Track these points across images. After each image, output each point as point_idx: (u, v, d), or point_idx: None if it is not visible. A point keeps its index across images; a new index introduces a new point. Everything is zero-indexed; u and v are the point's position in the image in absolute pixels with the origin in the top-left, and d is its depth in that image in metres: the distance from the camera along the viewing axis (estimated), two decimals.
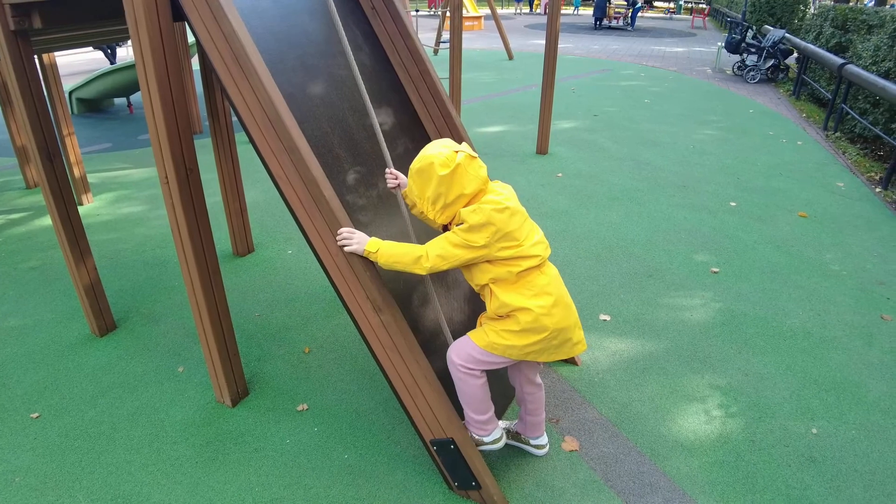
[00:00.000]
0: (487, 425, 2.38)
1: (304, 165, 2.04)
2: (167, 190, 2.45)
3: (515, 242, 2.08)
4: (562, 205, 5.48)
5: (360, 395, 3.02)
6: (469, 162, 2.07)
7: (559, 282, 2.22)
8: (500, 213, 2.04)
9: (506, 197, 2.12)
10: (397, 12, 2.82)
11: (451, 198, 2.06)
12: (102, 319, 3.59)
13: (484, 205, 2.05)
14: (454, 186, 2.05)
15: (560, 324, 2.15)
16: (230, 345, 2.88)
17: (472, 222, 2.03)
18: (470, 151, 2.10)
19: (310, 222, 2.17)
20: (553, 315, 2.13)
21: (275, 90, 2.04)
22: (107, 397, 3.07)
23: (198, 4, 2.10)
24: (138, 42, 2.19)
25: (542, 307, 2.11)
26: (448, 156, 2.04)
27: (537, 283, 2.13)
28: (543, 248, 2.17)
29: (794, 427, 2.82)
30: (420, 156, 2.09)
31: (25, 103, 2.97)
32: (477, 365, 2.25)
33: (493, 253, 2.07)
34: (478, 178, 2.09)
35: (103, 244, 4.79)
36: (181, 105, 2.33)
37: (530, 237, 2.14)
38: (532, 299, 2.11)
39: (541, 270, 2.15)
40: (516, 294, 2.12)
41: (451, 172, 2.03)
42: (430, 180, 2.05)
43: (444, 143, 2.13)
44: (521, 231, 2.11)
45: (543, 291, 2.12)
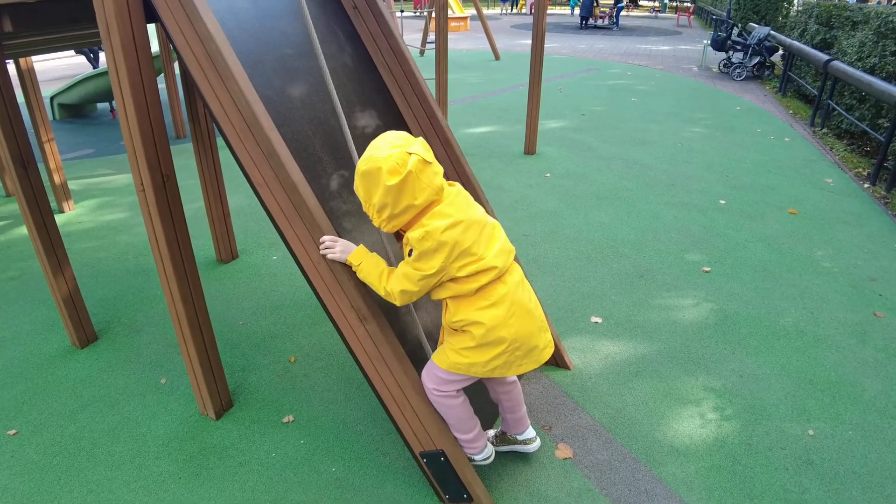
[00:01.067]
0: (476, 442, 2.31)
1: (284, 171, 1.97)
2: (143, 198, 2.37)
3: (474, 257, 1.93)
4: (551, 205, 5.42)
5: (347, 404, 2.95)
6: (422, 168, 1.85)
7: (520, 288, 2.06)
8: (451, 230, 1.88)
9: (457, 208, 1.93)
10: (380, 11, 2.74)
11: (398, 209, 1.87)
12: (83, 331, 3.50)
13: (432, 225, 1.86)
14: (403, 197, 1.85)
15: (519, 332, 2.02)
16: (212, 356, 2.80)
17: (420, 249, 1.88)
18: (424, 154, 1.88)
19: (291, 230, 2.09)
20: (510, 325, 1.99)
21: (252, 93, 1.97)
22: (87, 412, 2.98)
23: (171, 6, 2.02)
24: (110, 45, 2.11)
25: (495, 318, 1.97)
26: (398, 161, 1.81)
27: (494, 293, 1.97)
28: (505, 257, 2.01)
29: (791, 429, 2.77)
30: (368, 155, 1.87)
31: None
32: (448, 386, 2.17)
33: (452, 273, 1.92)
34: (430, 187, 1.88)
35: (84, 252, 4.69)
36: (156, 110, 2.25)
37: (490, 247, 1.98)
38: (486, 311, 1.96)
39: (501, 280, 2.00)
40: (470, 307, 1.97)
41: (401, 182, 1.81)
42: (377, 187, 1.85)
43: (396, 140, 1.89)
44: (479, 244, 1.95)
45: (500, 302, 1.97)
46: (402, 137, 1.90)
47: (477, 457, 2.34)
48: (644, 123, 8.48)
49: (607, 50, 16.68)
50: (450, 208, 1.91)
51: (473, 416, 2.30)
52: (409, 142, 1.89)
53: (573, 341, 3.40)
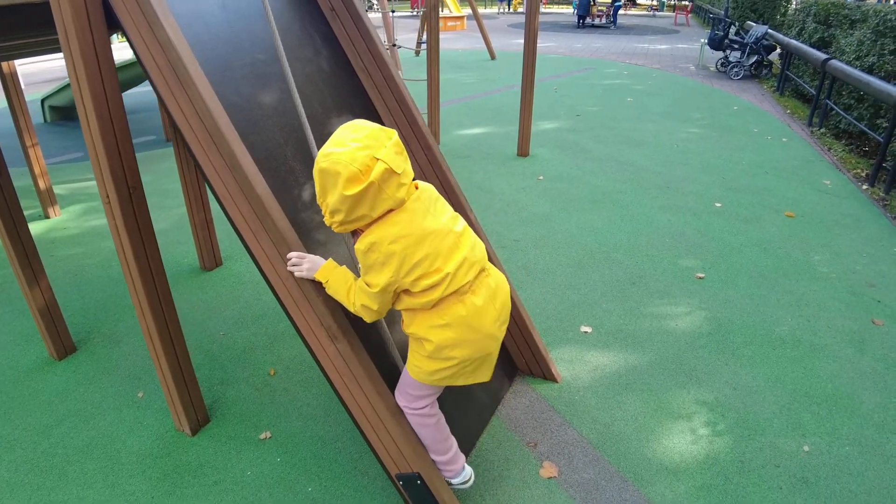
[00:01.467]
0: (452, 465, 2.22)
1: (248, 183, 1.87)
2: (109, 210, 2.27)
3: (430, 270, 1.77)
4: (543, 209, 5.32)
5: (327, 420, 2.85)
6: (386, 179, 1.67)
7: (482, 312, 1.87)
8: (400, 241, 1.73)
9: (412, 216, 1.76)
10: (358, 13, 2.64)
11: (351, 217, 1.72)
12: (61, 342, 3.41)
13: (378, 236, 1.72)
14: (359, 207, 1.69)
15: (472, 354, 1.90)
16: (186, 371, 2.70)
17: (366, 263, 1.77)
18: (392, 161, 1.68)
19: (256, 243, 1.99)
20: (462, 348, 1.87)
21: (215, 102, 1.87)
22: (62, 427, 2.88)
23: (131, 11, 1.93)
24: (69, 53, 2.01)
25: (446, 339, 1.84)
26: (361, 168, 1.62)
27: (449, 312, 1.82)
28: (466, 270, 1.83)
29: (785, 445, 2.68)
30: (329, 151, 1.67)
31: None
32: (419, 402, 2.08)
33: (405, 285, 1.79)
34: (391, 199, 1.71)
35: (68, 259, 4.59)
36: (120, 120, 2.15)
37: (451, 259, 1.80)
38: (438, 330, 1.84)
39: (461, 300, 1.83)
40: (424, 322, 1.85)
41: (361, 192, 1.65)
42: (333, 190, 1.68)
43: (364, 136, 1.68)
44: (436, 256, 1.77)
45: (454, 324, 1.83)
46: (371, 134, 1.70)
47: (454, 480, 2.24)
48: (640, 124, 8.37)
49: (604, 49, 16.57)
50: (403, 216, 1.75)
51: (449, 437, 2.21)
52: (379, 141, 1.69)
53: (561, 352, 3.30)
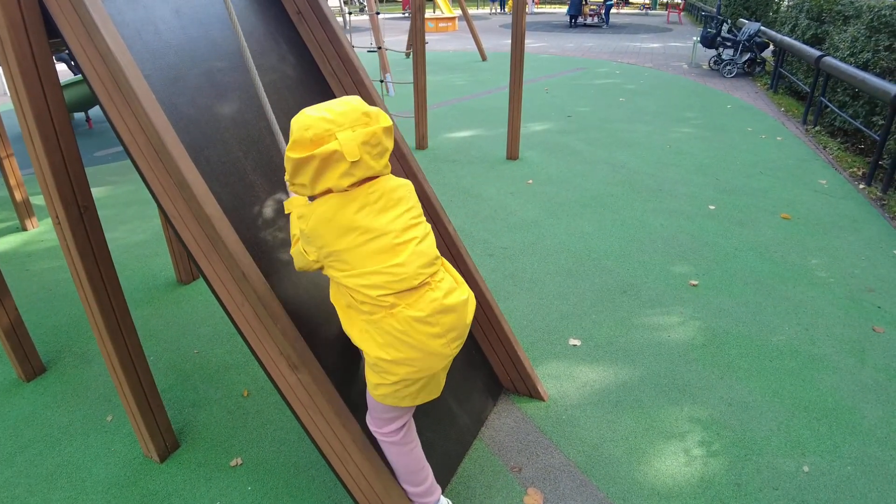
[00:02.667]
0: (427, 497, 2.07)
1: (197, 203, 1.72)
2: (60, 232, 2.13)
3: (354, 268, 1.65)
4: (532, 214, 5.18)
5: (300, 446, 2.70)
6: (332, 161, 1.56)
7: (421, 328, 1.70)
8: (325, 226, 1.63)
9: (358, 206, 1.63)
10: (325, 16, 2.50)
11: (294, 180, 1.63)
12: (28, 363, 3.26)
13: (314, 211, 1.64)
14: (298, 174, 1.60)
15: (410, 374, 1.75)
16: (152, 398, 2.56)
17: (300, 228, 1.70)
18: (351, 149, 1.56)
19: (209, 266, 1.85)
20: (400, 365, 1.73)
21: (159, 116, 1.72)
22: (26, 454, 2.74)
23: (70, 19, 1.78)
24: (7, 67, 1.87)
25: (379, 356, 1.72)
26: (314, 136, 1.54)
27: (381, 325, 1.69)
28: (394, 283, 1.65)
29: (784, 465, 2.54)
30: (305, 109, 1.60)
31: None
32: (386, 426, 1.96)
33: (329, 272, 1.71)
34: (333, 183, 1.59)
35: (44, 273, 4.45)
36: (67, 137, 2.00)
37: (370, 265, 1.64)
38: (372, 342, 1.72)
39: (389, 313, 1.68)
40: (357, 329, 1.75)
41: (301, 161, 1.56)
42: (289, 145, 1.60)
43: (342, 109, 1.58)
44: (354, 255, 1.64)
45: (387, 336, 1.69)
46: (348, 113, 1.58)
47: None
48: (631, 124, 8.23)
49: (596, 48, 16.44)
50: (338, 201, 1.63)
51: (425, 468, 2.07)
52: (351, 123, 1.58)
53: (549, 368, 3.16)
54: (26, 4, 1.83)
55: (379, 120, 1.63)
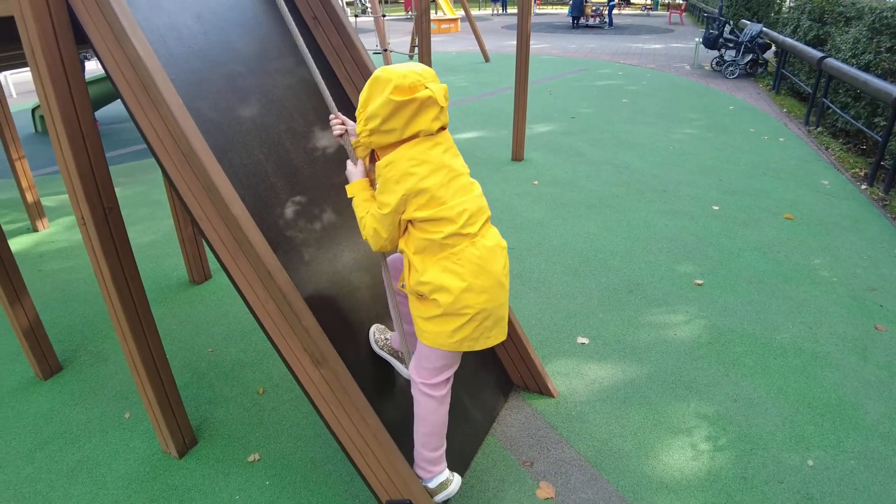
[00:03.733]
0: (435, 466, 2.14)
1: (224, 204, 1.79)
2: (85, 232, 2.19)
3: (436, 200, 1.82)
4: (537, 215, 5.24)
5: (316, 441, 2.76)
6: (427, 105, 1.79)
7: (494, 255, 1.92)
8: (418, 166, 1.81)
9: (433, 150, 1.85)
10: (341, 22, 2.56)
11: (385, 126, 1.80)
12: (46, 362, 3.33)
13: (400, 156, 1.82)
14: (395, 119, 1.79)
15: (487, 303, 1.90)
16: (171, 394, 2.63)
17: (384, 177, 1.84)
18: (437, 95, 1.81)
19: (235, 266, 1.91)
20: (480, 292, 1.87)
21: (187, 120, 1.78)
22: (46, 450, 2.80)
23: (99, 26, 1.85)
24: (37, 71, 1.94)
25: (461, 286, 1.84)
26: (413, 83, 1.77)
27: (463, 255, 1.85)
28: (473, 211, 1.89)
29: (789, 459, 2.60)
30: (389, 67, 1.82)
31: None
32: (435, 376, 2.04)
33: (410, 212, 1.83)
34: (424, 125, 1.81)
35: (56, 274, 4.51)
36: (93, 139, 2.07)
37: (457, 197, 1.86)
38: (453, 276, 1.84)
39: (471, 241, 1.87)
40: (436, 267, 1.85)
41: (401, 103, 1.76)
42: (379, 96, 1.78)
43: (421, 69, 1.84)
44: (445, 189, 1.84)
45: (468, 266, 1.85)
46: (429, 72, 1.85)
47: (430, 484, 2.15)
48: (635, 125, 8.30)
49: (598, 49, 16.51)
50: (427, 144, 1.84)
51: (444, 436, 2.14)
52: (433, 79, 1.84)
53: (558, 365, 3.22)
54: (56, 12, 1.89)
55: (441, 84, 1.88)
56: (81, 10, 1.87)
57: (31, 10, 1.83)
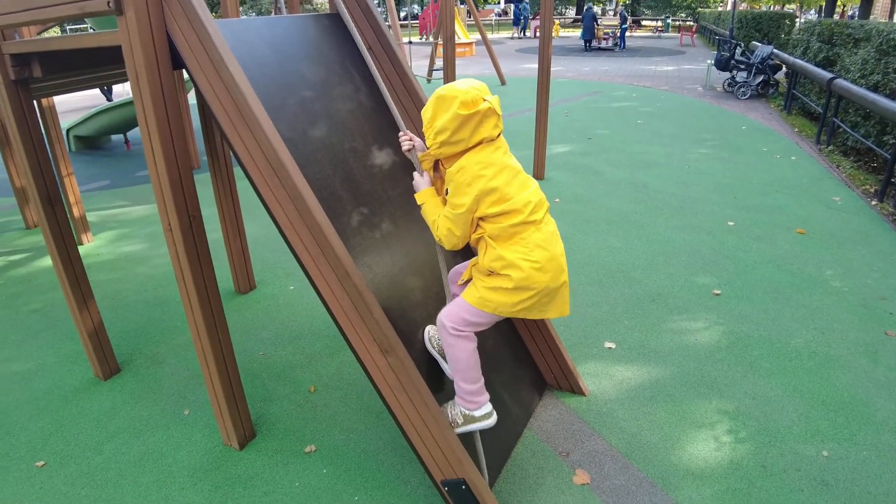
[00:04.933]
0: (478, 397, 2.35)
1: (309, 212, 2.06)
2: (170, 237, 2.46)
3: (505, 196, 2.07)
4: (561, 230, 5.35)
5: (368, 434, 3.01)
6: (489, 115, 2.06)
7: (555, 239, 2.19)
8: (486, 168, 2.06)
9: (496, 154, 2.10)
10: (394, 53, 2.85)
11: (454, 138, 2.05)
12: (106, 363, 3.58)
13: (469, 161, 2.06)
14: (463, 130, 2.04)
15: (551, 282, 2.13)
16: (236, 387, 2.87)
17: (456, 182, 2.08)
18: (497, 107, 2.09)
19: (315, 267, 2.17)
20: (546, 271, 2.10)
21: (277, 138, 2.06)
22: (113, 443, 3.05)
23: (197, 54, 2.13)
24: (139, 92, 2.22)
25: (534, 264, 2.08)
26: (474, 98, 2.03)
27: (532, 239, 2.09)
28: (537, 202, 2.14)
29: (805, 450, 2.81)
30: (449, 86, 2.07)
31: (26, 150, 2.99)
32: (467, 326, 2.25)
33: (483, 209, 2.07)
34: (487, 133, 2.07)
35: (104, 284, 4.79)
36: (183, 153, 2.35)
37: (521, 191, 2.12)
38: (525, 256, 2.08)
39: (536, 227, 2.11)
40: (510, 249, 2.09)
41: (468, 116, 2.02)
42: (446, 112, 2.03)
43: (476, 84, 2.10)
44: (510, 186, 2.09)
45: (538, 247, 2.09)
46: (484, 86, 2.11)
47: (476, 412, 2.35)
48: (650, 146, 8.56)
49: (612, 72, 16.84)
50: (490, 148, 2.10)
51: (479, 369, 2.35)
52: (486, 91, 2.10)
53: (588, 367, 3.45)
54: (159, 46, 2.18)
55: None
56: (182, 41, 2.15)
57: (140, 42, 2.11)
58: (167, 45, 2.21)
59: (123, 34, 2.15)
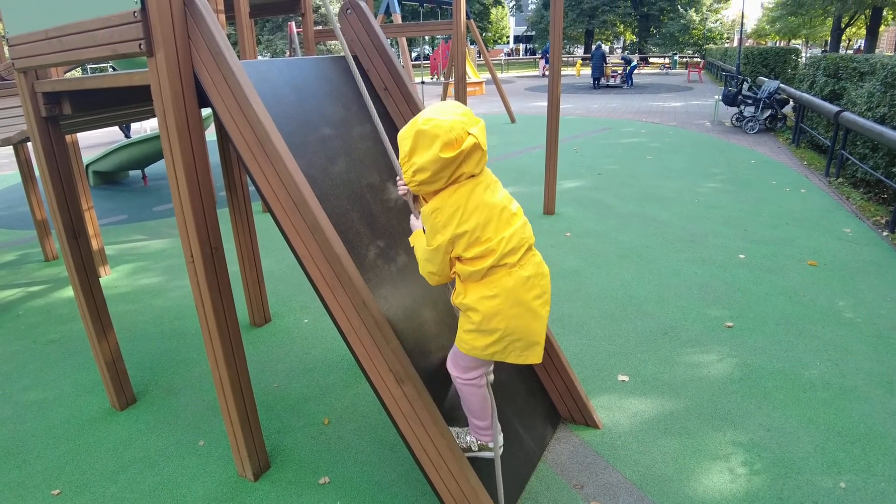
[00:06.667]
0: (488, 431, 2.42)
1: (328, 244, 2.12)
2: (192, 268, 2.52)
3: (481, 239, 1.97)
4: (572, 264, 5.54)
5: (381, 466, 3.02)
6: (473, 152, 1.92)
7: (528, 285, 2.04)
8: (461, 210, 1.95)
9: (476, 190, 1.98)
10: (409, 93, 2.94)
11: (434, 178, 1.92)
12: (123, 393, 3.62)
13: (444, 202, 1.95)
14: (445, 171, 1.91)
15: (516, 327, 2.05)
16: (252, 417, 2.90)
17: (430, 223, 1.99)
18: (482, 141, 1.94)
19: (333, 298, 2.23)
20: (506, 318, 2.02)
21: (299, 174, 2.14)
22: (128, 472, 3.07)
23: (223, 93, 2.22)
24: (165, 128, 2.31)
25: (491, 308, 2.00)
26: (458, 136, 1.87)
27: (500, 283, 2.00)
28: (516, 245, 2.01)
29: (822, 482, 2.80)
30: (431, 117, 1.89)
31: (53, 185, 3.09)
32: (468, 373, 2.27)
33: (458, 251, 1.99)
34: (469, 170, 1.95)
35: (122, 316, 4.86)
36: (206, 187, 2.43)
37: (500, 232, 1.99)
38: (485, 301, 2.00)
39: (508, 271, 2.01)
40: (474, 293, 2.03)
41: (452, 158, 1.87)
42: (426, 151, 1.88)
43: (461, 112, 1.94)
44: (488, 228, 1.97)
45: (501, 294, 2.00)
46: (467, 113, 1.96)
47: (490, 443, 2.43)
48: (660, 180, 8.64)
49: (620, 108, 17.04)
50: (468, 186, 1.97)
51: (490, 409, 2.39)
52: (472, 120, 1.95)
53: (601, 400, 3.46)
54: (186, 84, 2.27)
55: (479, 120, 2.00)
56: (208, 81, 2.25)
57: (168, 81, 2.21)
58: (193, 84, 2.31)
59: (153, 74, 2.24)
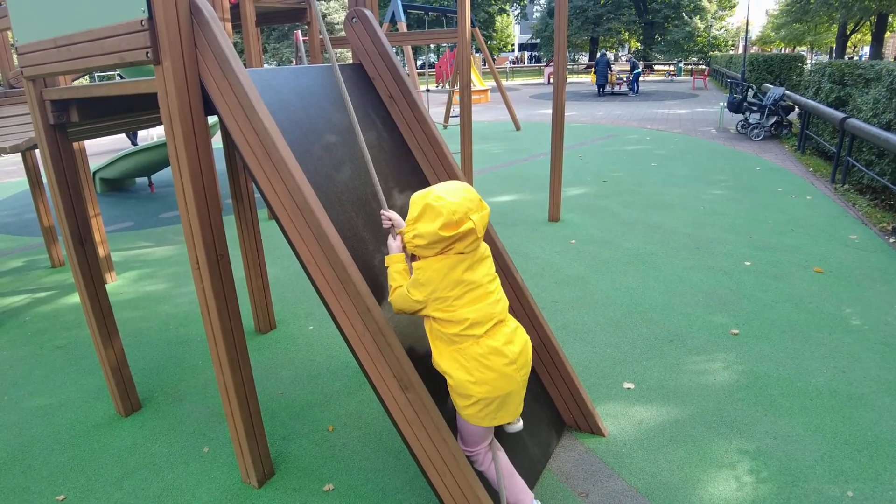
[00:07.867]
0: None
1: (332, 250, 2.12)
2: (198, 275, 2.53)
3: (451, 308, 2.12)
4: (578, 271, 5.53)
5: (386, 473, 3.01)
6: (467, 236, 2.08)
7: (498, 354, 2.17)
8: (442, 279, 2.11)
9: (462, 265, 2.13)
10: (413, 101, 2.95)
11: (428, 246, 2.09)
12: (128, 399, 3.63)
13: (431, 268, 2.11)
14: (438, 244, 2.07)
15: (492, 392, 2.17)
16: (256, 424, 2.90)
17: (415, 277, 2.14)
18: (478, 224, 2.10)
19: (337, 304, 2.23)
20: (479, 384, 2.15)
21: (304, 181, 2.15)
22: (133, 479, 3.07)
23: (229, 101, 2.23)
24: (172, 136, 2.32)
25: (461, 376, 2.14)
26: (460, 219, 2.05)
27: (469, 352, 2.14)
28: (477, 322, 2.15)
29: (829, 490, 2.78)
30: (442, 194, 2.09)
31: (60, 192, 3.11)
32: (471, 447, 2.37)
33: (429, 311, 2.15)
34: (460, 249, 2.11)
35: (128, 322, 4.87)
36: (212, 194, 2.44)
37: (471, 306, 2.15)
38: (457, 368, 2.15)
39: (476, 341, 2.15)
40: (447, 357, 2.18)
41: (449, 237, 2.05)
42: (430, 224, 2.05)
43: (470, 197, 2.12)
44: (458, 301, 2.13)
45: (473, 360, 2.13)
46: (475, 198, 2.14)
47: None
48: (665, 187, 8.63)
49: (625, 116, 17.05)
50: (453, 261, 2.12)
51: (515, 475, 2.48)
52: (477, 207, 2.12)
53: (607, 408, 3.45)
54: (193, 92, 2.29)
55: (485, 206, 2.18)
56: (214, 88, 2.26)
57: (175, 89, 2.22)
58: (200, 92, 2.32)
59: (160, 82, 2.26)
